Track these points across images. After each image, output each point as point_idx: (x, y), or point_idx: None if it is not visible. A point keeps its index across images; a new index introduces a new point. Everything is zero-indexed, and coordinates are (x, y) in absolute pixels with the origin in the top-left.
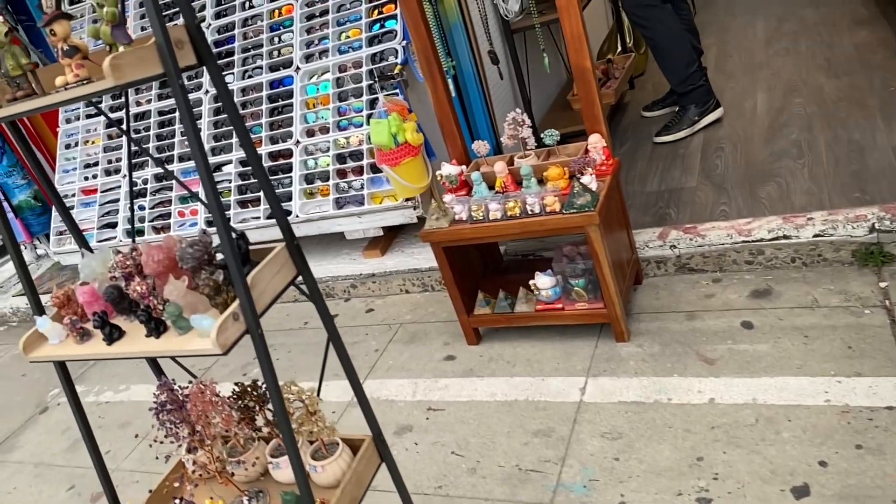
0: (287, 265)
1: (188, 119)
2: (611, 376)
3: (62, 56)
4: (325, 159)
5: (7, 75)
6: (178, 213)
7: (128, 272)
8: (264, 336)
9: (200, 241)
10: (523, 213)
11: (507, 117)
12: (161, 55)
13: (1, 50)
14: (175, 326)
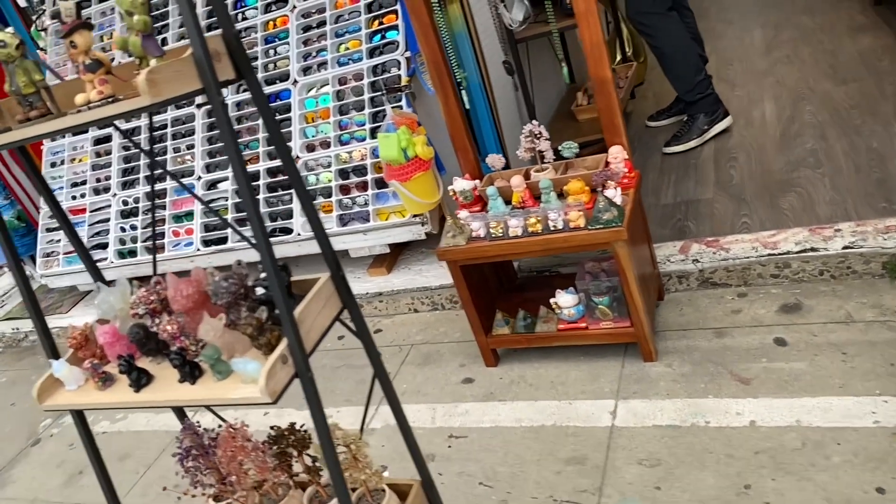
0: (332, 298)
1: (231, 139)
2: (642, 398)
3: (83, 71)
4: (326, 175)
5: (18, 93)
6: (172, 233)
7: (152, 308)
8: (314, 379)
9: (235, 273)
10: (545, 229)
11: (524, 129)
12: (200, 69)
13: (12, 65)
14: (213, 371)
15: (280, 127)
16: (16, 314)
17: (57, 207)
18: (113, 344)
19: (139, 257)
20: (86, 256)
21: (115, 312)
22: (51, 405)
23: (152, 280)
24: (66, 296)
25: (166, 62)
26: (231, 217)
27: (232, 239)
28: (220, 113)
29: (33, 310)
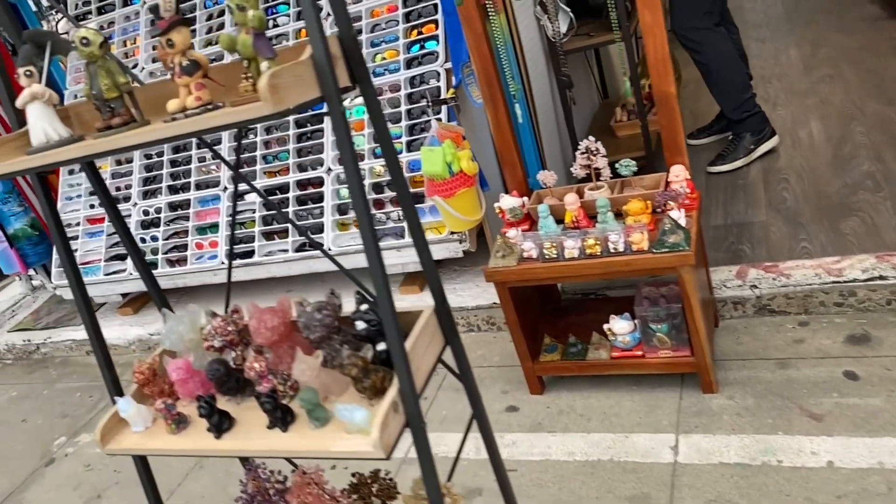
0: (436, 335)
1: (350, 151)
2: (704, 433)
3: (179, 73)
4: None
5: (100, 97)
6: (195, 245)
7: (229, 340)
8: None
9: (328, 304)
10: (605, 251)
11: (580, 146)
12: (320, 74)
13: (94, 65)
14: (310, 417)
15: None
16: (27, 325)
17: (118, 217)
18: (186, 381)
19: (161, 269)
20: (148, 277)
21: (183, 343)
22: (115, 449)
23: (230, 309)
24: None
25: (285, 65)
26: (258, 230)
27: (259, 253)
28: (340, 125)
29: (96, 340)
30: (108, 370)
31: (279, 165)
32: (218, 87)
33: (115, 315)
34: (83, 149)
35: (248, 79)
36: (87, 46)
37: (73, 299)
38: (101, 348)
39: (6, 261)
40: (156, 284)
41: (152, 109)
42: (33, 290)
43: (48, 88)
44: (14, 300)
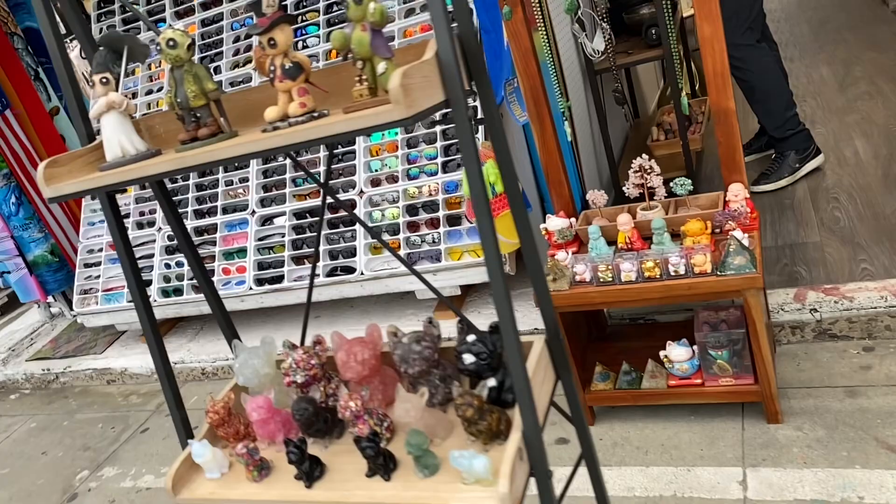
0: (549, 370)
1: (475, 161)
2: (774, 467)
3: (280, 77)
4: (392, 210)
5: (185, 105)
6: (222, 271)
7: (312, 375)
8: None
9: (426, 334)
10: (665, 274)
11: (633, 164)
12: (446, 74)
13: (179, 70)
14: (418, 465)
15: (348, 160)
16: (45, 354)
17: (186, 238)
18: (267, 421)
19: (185, 296)
20: (216, 301)
21: (259, 379)
22: (189, 499)
23: (311, 340)
24: (100, 335)
25: (413, 65)
26: (287, 254)
27: (289, 278)
28: (467, 132)
29: (166, 376)
30: (178, 409)
31: (309, 188)
32: (320, 92)
33: (137, 343)
34: (171, 163)
35: (363, 81)
36: (174, 49)
37: (97, 327)
38: (171, 385)
39: (24, 288)
40: (223, 309)
41: (234, 120)
42: (52, 318)
43: (126, 97)
44: (32, 328)
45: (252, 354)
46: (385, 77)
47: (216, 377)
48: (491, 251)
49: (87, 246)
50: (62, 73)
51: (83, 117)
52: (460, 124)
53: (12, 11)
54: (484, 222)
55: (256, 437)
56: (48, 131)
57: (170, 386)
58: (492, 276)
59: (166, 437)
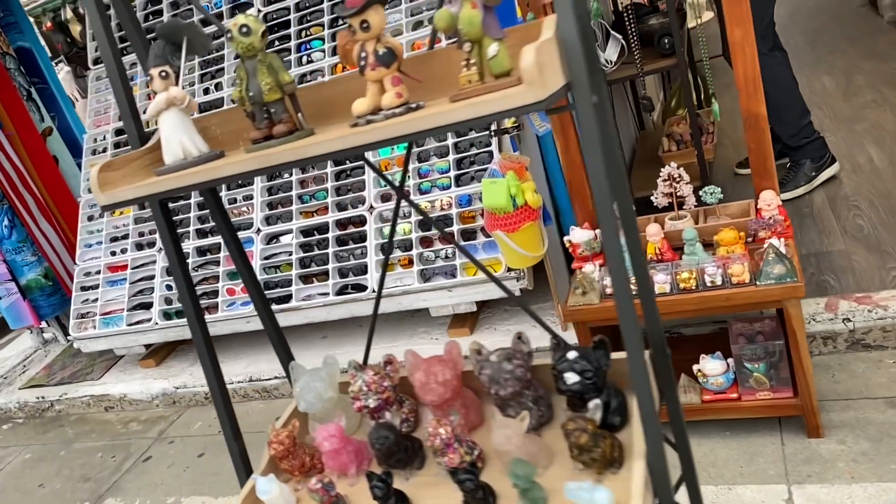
0: (653, 389)
1: (601, 153)
2: (820, 483)
3: (373, 64)
4: (404, 226)
5: (257, 100)
6: (226, 291)
7: (385, 398)
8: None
9: (516, 351)
10: (701, 285)
11: (662, 173)
12: (570, 55)
13: (252, 61)
14: (524, 499)
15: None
16: (40, 381)
17: (242, 254)
18: (339, 451)
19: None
20: (270, 320)
21: (322, 403)
22: None
23: (381, 359)
24: (97, 360)
25: (539, 42)
26: (295, 273)
27: (297, 297)
28: (593, 119)
29: (223, 402)
30: (236, 440)
31: (317, 205)
32: (414, 83)
33: (135, 367)
34: (247, 162)
35: (471, 66)
36: (247, 36)
37: (93, 352)
38: (228, 411)
39: (15, 314)
40: (277, 327)
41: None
42: (44, 344)
43: (187, 92)
44: (24, 354)
45: (314, 377)
46: (498, 60)
47: None
48: (619, 265)
49: (83, 268)
50: (116, 80)
51: (134, 117)
52: (585, 112)
53: (4, 31)
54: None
55: (325, 469)
56: (40, 153)
57: (226, 413)
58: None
59: (171, 466)
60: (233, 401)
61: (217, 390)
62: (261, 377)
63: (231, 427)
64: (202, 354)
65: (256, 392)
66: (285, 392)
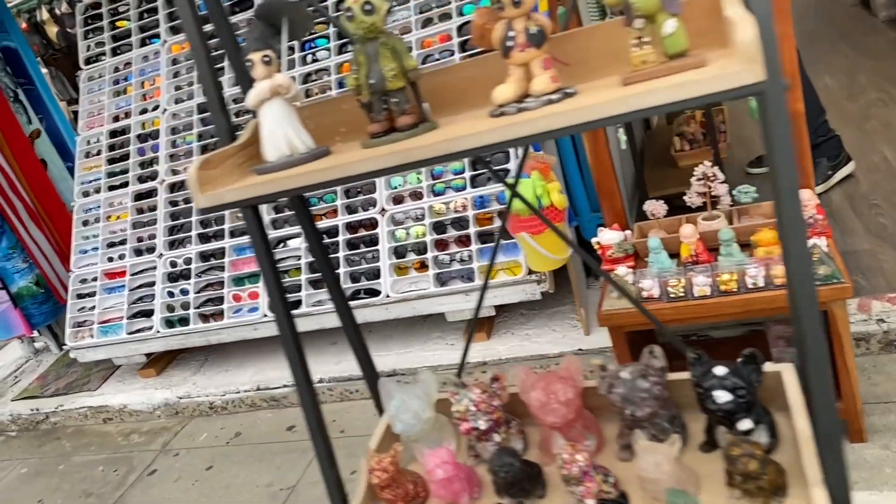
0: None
1: (789, 150)
2: (869, 490)
3: (524, 44)
4: (418, 229)
5: (378, 88)
6: (232, 297)
7: (495, 419)
8: None
9: (649, 367)
10: (742, 287)
11: (696, 171)
12: (766, 42)
13: (373, 43)
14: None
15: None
16: (33, 392)
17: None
18: (452, 480)
19: (192, 325)
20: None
21: (421, 425)
22: None
23: (489, 377)
24: (93, 370)
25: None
26: (304, 278)
27: (307, 303)
28: (782, 112)
29: (318, 427)
30: (331, 468)
31: (326, 208)
32: (562, 66)
33: (134, 377)
34: (377, 160)
35: (644, 44)
36: (370, 14)
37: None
38: (321, 433)
39: (5, 324)
40: (360, 337)
41: None
42: (36, 354)
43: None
44: (16, 364)
45: (409, 395)
46: (675, 39)
47: (226, 412)
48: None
49: (79, 275)
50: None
51: (223, 109)
52: (776, 98)
53: None
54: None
55: (432, 497)
56: (28, 156)
57: (321, 434)
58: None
59: (178, 479)
60: (239, 411)
61: (310, 405)
62: (269, 385)
63: (326, 453)
64: (294, 363)
65: (264, 401)
66: (294, 401)
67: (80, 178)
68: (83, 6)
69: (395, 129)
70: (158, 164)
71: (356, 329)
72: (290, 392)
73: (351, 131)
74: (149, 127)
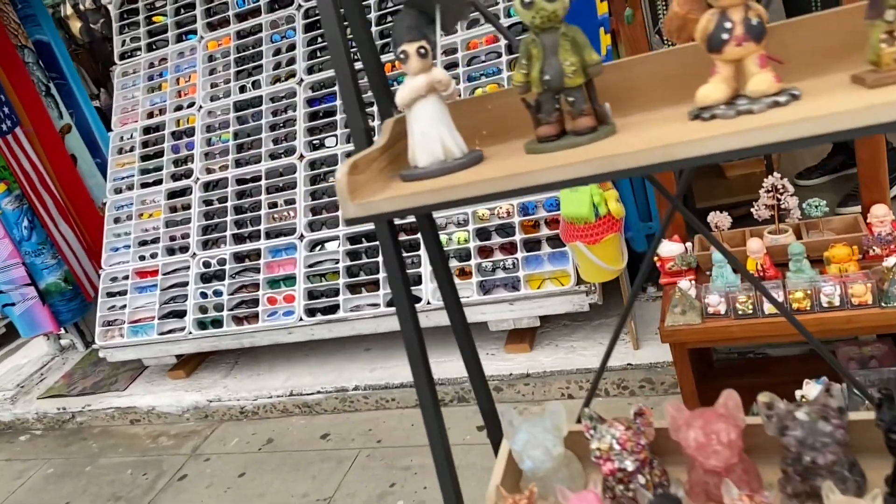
0: None
1: None
2: None
3: (742, 37)
4: (460, 234)
5: (555, 85)
6: (267, 300)
7: (642, 459)
8: None
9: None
10: (816, 305)
11: (765, 183)
12: None
13: (552, 34)
14: None
15: None
16: (59, 391)
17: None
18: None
19: (225, 327)
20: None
21: (552, 462)
22: None
23: (633, 411)
24: (120, 370)
25: None
26: (342, 282)
27: (344, 308)
28: None
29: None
30: (455, 495)
31: None
32: (776, 64)
33: (163, 378)
34: (570, 168)
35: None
36: (553, 1)
37: (114, 362)
38: (446, 455)
39: (30, 321)
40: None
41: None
42: (62, 351)
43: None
44: (42, 362)
45: (538, 428)
46: None
47: (257, 417)
48: None
49: (109, 273)
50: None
51: (360, 106)
52: None
53: (23, 23)
54: None
55: None
56: (58, 151)
57: (444, 453)
58: None
59: (210, 486)
60: (271, 417)
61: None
62: (302, 391)
63: (450, 479)
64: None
65: (297, 407)
66: (328, 407)
67: (112, 175)
68: (119, 1)
69: (564, 133)
70: (193, 161)
71: (468, 333)
72: (323, 399)
73: (494, 134)
74: (183, 124)
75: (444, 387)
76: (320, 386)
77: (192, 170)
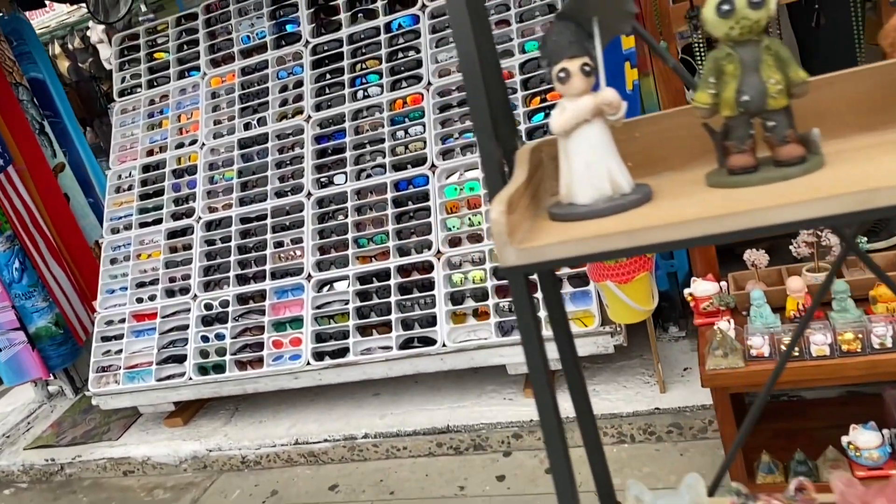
0: None
1: None
2: None
3: None
4: (476, 273)
5: (755, 106)
6: (272, 343)
7: None
8: None
9: None
10: (867, 347)
11: None
12: None
13: (754, 48)
14: None
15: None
16: (48, 441)
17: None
18: None
19: (228, 373)
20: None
21: None
22: None
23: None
24: (112, 418)
25: None
26: (352, 324)
27: (354, 351)
28: None
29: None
30: None
31: (375, 249)
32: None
33: (159, 427)
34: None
35: None
36: (758, 9)
37: (109, 409)
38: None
39: (16, 368)
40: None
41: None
42: (50, 398)
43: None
44: (28, 410)
45: (671, 499)
46: None
47: (259, 467)
48: None
49: (105, 316)
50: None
51: (496, 135)
52: None
53: (18, 60)
54: None
55: None
56: (52, 190)
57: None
58: None
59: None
60: (274, 467)
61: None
62: (308, 440)
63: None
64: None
65: (302, 456)
66: (335, 457)
67: (109, 214)
68: (120, 37)
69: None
70: (195, 200)
71: (579, 373)
72: (330, 447)
73: (642, 164)
74: (185, 162)
75: (459, 434)
76: (327, 434)
77: (194, 208)
